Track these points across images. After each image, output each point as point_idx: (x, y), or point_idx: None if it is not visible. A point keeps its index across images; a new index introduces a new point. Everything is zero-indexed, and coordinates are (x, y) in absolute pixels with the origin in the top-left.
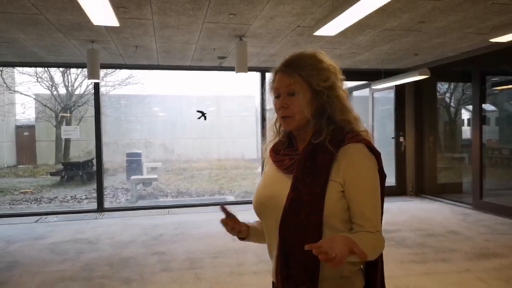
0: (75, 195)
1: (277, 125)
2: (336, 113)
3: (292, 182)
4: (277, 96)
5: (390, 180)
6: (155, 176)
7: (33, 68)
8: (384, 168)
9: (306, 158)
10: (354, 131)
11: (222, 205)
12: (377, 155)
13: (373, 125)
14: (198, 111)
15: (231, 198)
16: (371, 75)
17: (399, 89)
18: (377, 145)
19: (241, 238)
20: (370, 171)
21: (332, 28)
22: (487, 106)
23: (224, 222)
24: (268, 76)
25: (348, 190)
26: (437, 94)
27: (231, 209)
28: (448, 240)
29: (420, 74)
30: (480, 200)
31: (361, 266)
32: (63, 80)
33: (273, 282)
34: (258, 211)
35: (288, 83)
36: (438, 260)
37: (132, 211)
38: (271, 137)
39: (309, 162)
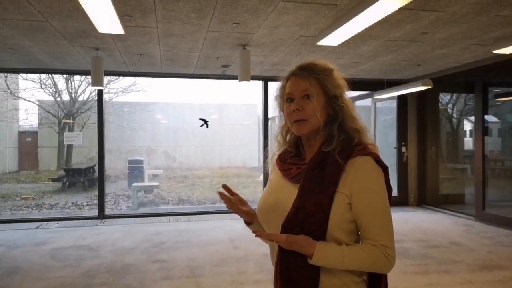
0: (76, 202)
1: (284, 133)
2: (347, 121)
3: (299, 191)
4: (289, 101)
5: (392, 190)
6: (157, 184)
7: (37, 74)
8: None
9: (314, 168)
10: (362, 144)
11: (224, 184)
12: (384, 168)
13: (375, 135)
14: (200, 119)
15: None
16: (373, 85)
17: (401, 99)
18: (379, 155)
19: (247, 223)
20: (377, 184)
21: (335, 38)
22: (490, 117)
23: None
24: (272, 84)
25: (355, 203)
26: (440, 105)
27: (232, 216)
28: (450, 252)
29: (423, 85)
30: (482, 212)
31: (364, 277)
32: (67, 86)
33: None
34: (262, 217)
35: (304, 86)
36: (441, 271)
37: (133, 218)
38: (277, 147)
39: (317, 172)
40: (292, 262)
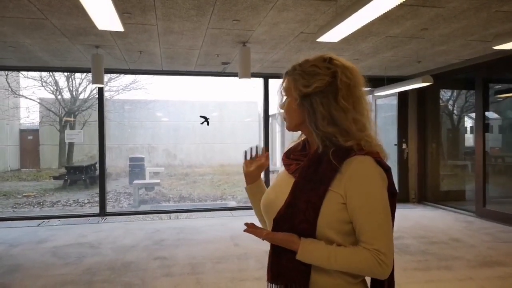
0: (78, 199)
1: None
2: (318, 123)
3: (292, 187)
4: None
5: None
6: (158, 181)
7: (38, 72)
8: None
9: (309, 165)
10: (361, 145)
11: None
12: (385, 169)
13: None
14: (201, 117)
15: (233, 204)
16: (374, 82)
17: (402, 96)
18: (383, 155)
19: (249, 183)
20: (373, 185)
21: (335, 34)
22: (490, 114)
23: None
24: (272, 82)
25: (349, 203)
26: (440, 101)
27: (233, 213)
28: (451, 248)
29: (423, 81)
30: (483, 208)
31: (363, 279)
32: (68, 84)
33: None
34: (263, 211)
35: (285, 85)
36: (441, 267)
37: (134, 216)
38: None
39: (311, 170)
40: (283, 256)
